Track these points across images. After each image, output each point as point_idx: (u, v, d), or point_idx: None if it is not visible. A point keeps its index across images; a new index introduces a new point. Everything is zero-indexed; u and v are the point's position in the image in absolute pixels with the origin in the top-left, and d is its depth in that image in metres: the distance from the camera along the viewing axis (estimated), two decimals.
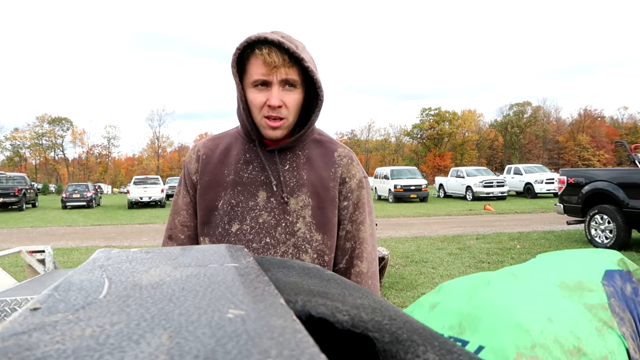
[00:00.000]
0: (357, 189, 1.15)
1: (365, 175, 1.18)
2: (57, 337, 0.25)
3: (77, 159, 70.64)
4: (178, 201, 1.20)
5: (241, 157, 1.13)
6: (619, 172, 7.26)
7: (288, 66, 1.00)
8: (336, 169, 1.13)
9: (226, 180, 1.11)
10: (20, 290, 2.64)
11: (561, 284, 1.20)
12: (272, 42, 0.98)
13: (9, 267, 6.40)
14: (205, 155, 1.16)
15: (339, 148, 1.17)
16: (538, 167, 23.03)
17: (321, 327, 0.37)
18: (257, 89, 1.03)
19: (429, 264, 6.35)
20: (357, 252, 1.14)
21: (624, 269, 1.29)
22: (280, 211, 1.08)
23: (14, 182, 21.04)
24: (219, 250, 0.52)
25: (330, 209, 1.11)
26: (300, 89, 1.05)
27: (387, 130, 77.01)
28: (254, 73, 1.01)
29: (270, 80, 1.01)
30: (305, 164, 1.12)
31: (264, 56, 0.98)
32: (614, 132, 63.03)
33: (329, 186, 1.11)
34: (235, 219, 1.09)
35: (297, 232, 1.08)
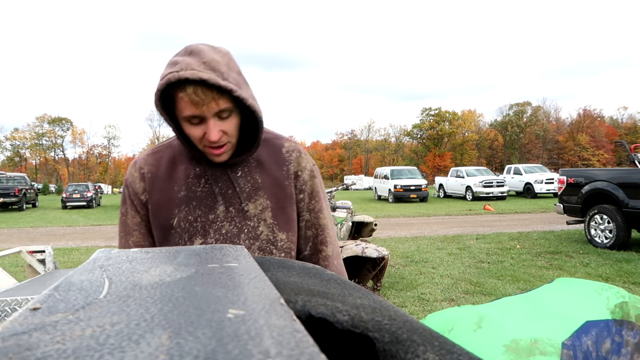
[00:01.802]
0: (309, 180, 1.16)
1: (314, 163, 1.20)
2: (57, 337, 0.25)
3: (77, 159, 70.63)
4: (127, 222, 1.14)
5: (191, 171, 1.10)
6: (618, 172, 7.26)
7: (217, 98, 0.95)
8: (288, 167, 1.14)
9: (177, 196, 1.08)
10: (20, 290, 2.64)
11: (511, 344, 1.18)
12: (194, 82, 0.92)
13: (9, 267, 6.39)
14: (150, 173, 1.11)
15: (285, 143, 1.17)
16: (538, 167, 23.02)
17: (321, 327, 0.37)
18: (192, 123, 0.99)
19: (429, 264, 6.35)
20: (320, 238, 1.17)
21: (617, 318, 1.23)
22: (241, 218, 1.08)
23: (14, 182, 21.03)
24: (219, 250, 0.52)
25: (289, 207, 1.13)
26: (236, 111, 1.02)
27: (387, 130, 77.10)
28: (184, 110, 0.96)
29: (203, 115, 0.96)
30: (257, 167, 1.12)
31: (190, 96, 0.93)
32: (613, 132, 63.03)
33: (285, 185, 1.12)
34: (196, 234, 1.07)
35: (261, 236, 1.09)
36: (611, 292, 1.32)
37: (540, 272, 5.69)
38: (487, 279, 5.42)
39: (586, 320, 1.23)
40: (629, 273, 5.46)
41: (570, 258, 6.57)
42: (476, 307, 1.42)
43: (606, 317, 1.24)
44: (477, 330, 1.27)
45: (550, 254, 6.91)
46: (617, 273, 5.48)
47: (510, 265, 6.19)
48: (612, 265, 5.92)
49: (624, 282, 5.06)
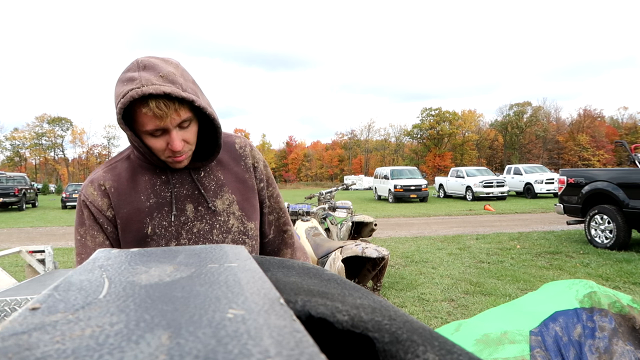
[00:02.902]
0: (264, 169, 1.26)
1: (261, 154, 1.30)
2: (57, 337, 0.25)
3: (77, 159, 70.64)
4: (87, 244, 1.10)
5: (157, 180, 1.11)
6: (619, 172, 7.25)
7: (179, 109, 0.97)
8: (245, 161, 1.22)
9: (147, 205, 1.09)
10: (20, 290, 2.64)
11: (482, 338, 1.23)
12: (156, 96, 0.94)
13: (9, 267, 6.39)
14: (113, 188, 1.10)
15: (236, 139, 1.24)
16: (538, 167, 23.02)
17: (321, 327, 0.37)
18: (154, 136, 1.00)
19: (429, 264, 6.35)
20: (283, 220, 1.30)
21: (585, 306, 1.27)
22: (211, 216, 1.13)
23: (14, 182, 21.03)
24: (219, 250, 0.52)
25: (253, 197, 1.21)
26: (194, 120, 1.05)
27: (387, 130, 77.10)
28: (147, 124, 0.97)
29: (166, 127, 0.98)
30: (217, 165, 1.18)
31: (153, 110, 0.94)
32: (613, 132, 63.01)
33: (245, 178, 1.20)
34: (170, 239, 1.10)
35: (232, 228, 1.15)
36: (580, 285, 1.38)
37: (540, 272, 5.69)
38: (487, 279, 5.42)
39: (555, 311, 1.27)
40: (629, 273, 5.46)
41: (571, 258, 6.57)
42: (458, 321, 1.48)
43: (574, 306, 1.28)
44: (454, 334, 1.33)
45: (551, 254, 6.91)
46: (618, 273, 5.48)
47: (511, 265, 6.19)
48: (612, 266, 5.92)
49: (624, 283, 5.06)
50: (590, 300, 1.29)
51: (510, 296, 4.60)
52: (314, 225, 4.63)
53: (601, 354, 1.16)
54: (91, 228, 1.10)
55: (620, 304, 1.28)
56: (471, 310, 4.21)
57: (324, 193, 5.74)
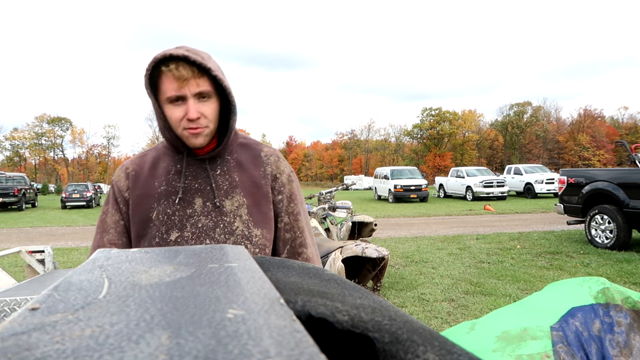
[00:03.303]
0: (288, 183, 1.22)
1: (292, 170, 1.27)
2: (57, 337, 0.25)
3: (77, 159, 70.65)
4: (106, 220, 1.20)
5: (172, 168, 1.17)
6: (619, 172, 7.25)
7: (197, 77, 1.04)
8: (265, 167, 1.20)
9: (157, 191, 1.15)
10: (19, 290, 2.64)
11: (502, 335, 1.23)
12: (178, 58, 1.02)
13: (9, 267, 6.40)
14: (135, 172, 1.20)
15: (264, 148, 1.25)
16: (538, 167, 23.02)
17: (321, 327, 0.37)
18: (173, 104, 1.06)
19: (429, 264, 6.35)
20: (299, 241, 1.22)
21: (601, 302, 1.28)
22: (217, 214, 1.13)
23: (14, 182, 21.02)
24: (218, 250, 0.51)
25: (265, 205, 1.18)
26: (215, 98, 1.10)
27: (387, 130, 77.05)
28: (167, 90, 1.05)
29: (184, 94, 1.04)
30: (236, 167, 1.18)
31: (172, 72, 1.02)
32: (614, 132, 63.02)
33: (261, 183, 1.18)
34: (173, 227, 1.12)
35: (236, 231, 1.14)
36: (592, 282, 1.37)
37: (540, 273, 5.69)
38: (487, 279, 5.42)
39: (571, 307, 1.27)
40: (629, 273, 5.46)
41: (571, 258, 6.57)
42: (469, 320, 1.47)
43: (590, 302, 1.28)
44: (470, 332, 1.31)
45: (551, 254, 6.90)
46: (618, 273, 5.48)
47: (511, 265, 6.19)
48: (612, 266, 5.92)
49: (624, 283, 5.06)
50: (605, 296, 1.29)
51: (511, 296, 4.60)
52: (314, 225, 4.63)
53: (621, 349, 1.16)
54: (112, 207, 1.20)
55: (633, 300, 1.29)
56: (471, 310, 4.21)
57: (324, 193, 5.74)
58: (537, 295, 1.48)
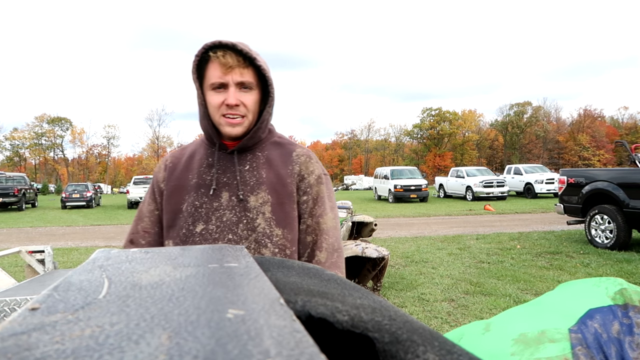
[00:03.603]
0: (316, 184, 1.19)
1: (325, 172, 1.24)
2: (57, 337, 0.25)
3: (77, 159, 70.65)
4: (143, 209, 1.26)
5: (204, 161, 1.19)
6: (619, 172, 7.25)
7: (242, 67, 1.07)
8: (293, 166, 1.19)
9: (189, 184, 1.18)
10: (19, 290, 2.64)
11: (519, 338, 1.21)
12: (226, 46, 1.06)
13: (9, 267, 6.40)
14: (172, 164, 1.24)
15: (297, 148, 1.23)
16: (538, 167, 23.02)
17: (321, 327, 0.37)
18: (216, 91, 1.10)
19: (429, 264, 6.35)
20: (317, 244, 1.17)
21: (619, 303, 1.26)
22: (241, 209, 1.13)
23: (14, 182, 21.03)
24: (218, 250, 0.51)
25: (289, 204, 1.16)
26: (257, 90, 1.13)
27: (387, 130, 77.04)
28: (212, 76, 1.09)
29: (226, 81, 1.08)
30: (265, 164, 1.18)
31: (219, 58, 1.06)
32: (614, 132, 63.05)
33: (287, 182, 1.17)
34: (199, 219, 1.14)
35: (257, 228, 1.13)
36: (609, 282, 1.36)
37: (540, 273, 5.69)
38: (487, 279, 5.42)
39: (589, 308, 1.25)
40: (629, 273, 5.46)
41: (571, 258, 6.57)
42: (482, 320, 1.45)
43: (608, 303, 1.26)
44: (486, 334, 1.30)
45: (551, 254, 6.91)
46: (618, 273, 5.48)
47: (511, 265, 6.19)
48: (612, 266, 5.92)
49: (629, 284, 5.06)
50: (623, 297, 1.28)
51: (510, 296, 4.60)
52: None
53: None
54: (149, 196, 1.26)
55: None
56: (471, 310, 4.21)
57: None
58: (551, 295, 1.45)
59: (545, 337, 1.18)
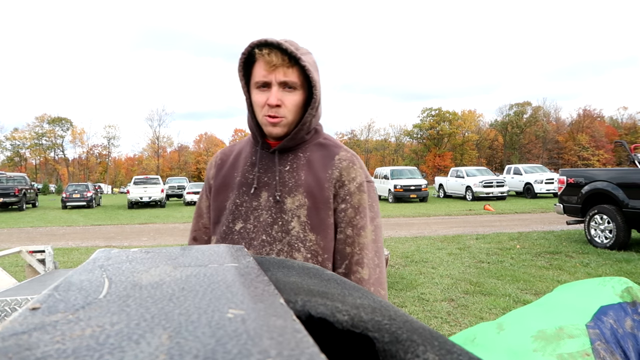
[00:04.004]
0: (357, 192, 1.13)
1: (369, 179, 1.17)
2: (57, 337, 0.25)
3: (77, 159, 70.64)
4: (201, 205, 1.28)
5: (248, 160, 1.20)
6: (618, 172, 7.26)
7: (287, 66, 1.05)
8: (333, 171, 1.14)
9: (234, 181, 1.18)
10: (20, 290, 2.64)
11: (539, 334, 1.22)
12: (272, 44, 1.04)
13: (9, 267, 6.39)
14: (221, 161, 1.26)
15: (341, 152, 1.17)
16: (538, 167, 23.02)
17: (321, 327, 0.37)
18: (260, 90, 1.09)
19: (428, 264, 6.35)
20: (356, 258, 1.11)
21: (627, 301, 1.28)
22: (277, 210, 1.11)
23: (14, 182, 21.03)
24: (218, 250, 0.52)
25: (324, 210, 1.11)
26: (301, 91, 1.10)
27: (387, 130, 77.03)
28: (257, 75, 1.08)
29: (270, 80, 1.06)
30: (305, 165, 1.14)
31: (264, 57, 1.04)
32: (613, 132, 63.06)
33: (324, 187, 1.12)
34: (239, 217, 1.14)
35: (292, 231, 1.10)
36: (614, 281, 1.38)
37: (540, 272, 5.69)
38: (487, 279, 5.42)
39: (600, 306, 1.27)
40: (629, 273, 5.47)
41: (570, 258, 6.57)
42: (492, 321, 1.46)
43: (617, 301, 1.29)
44: (500, 333, 1.30)
45: (550, 254, 6.91)
46: (617, 273, 5.48)
47: (510, 265, 6.19)
48: (612, 265, 5.93)
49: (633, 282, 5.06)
50: (630, 295, 1.30)
51: (510, 296, 4.61)
52: None
53: None
54: (205, 192, 1.28)
55: None
56: (471, 310, 4.21)
57: None
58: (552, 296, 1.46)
59: (564, 333, 1.19)
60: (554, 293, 1.50)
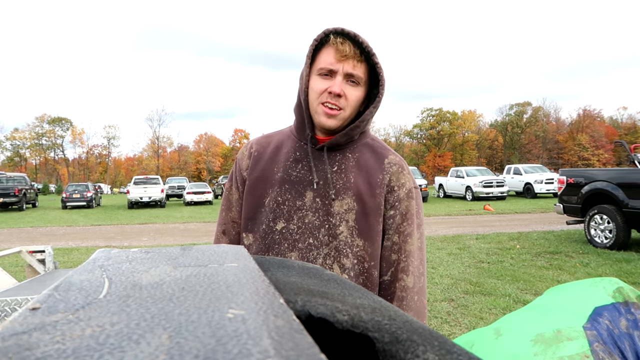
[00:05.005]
0: (405, 199, 1.10)
1: (416, 185, 1.14)
2: (57, 337, 0.25)
3: (77, 159, 70.65)
4: (230, 198, 1.21)
5: (291, 155, 1.13)
6: (618, 172, 7.26)
7: (357, 59, 1.02)
8: (384, 176, 1.10)
9: (275, 177, 1.11)
10: (20, 290, 2.64)
11: (537, 338, 1.22)
12: (348, 34, 1.01)
13: (9, 267, 6.39)
14: (257, 152, 1.17)
15: (390, 155, 1.14)
16: (538, 167, 23.04)
17: (321, 327, 0.37)
18: (322, 77, 1.04)
19: (428, 264, 6.35)
20: (402, 266, 1.08)
21: (619, 301, 1.28)
22: (324, 212, 1.07)
23: (14, 182, 21.03)
24: (219, 250, 0.52)
25: (374, 216, 1.08)
26: (363, 87, 1.07)
27: (387, 130, 76.95)
28: (322, 62, 1.03)
29: (336, 69, 1.02)
30: (354, 167, 1.10)
31: (337, 45, 1.01)
32: (613, 132, 63.08)
33: (375, 192, 1.08)
34: (280, 217, 1.08)
35: (340, 236, 1.06)
36: (605, 282, 1.38)
37: (540, 272, 5.69)
38: (486, 279, 5.42)
39: (595, 307, 1.27)
40: (628, 273, 5.47)
41: (570, 258, 6.57)
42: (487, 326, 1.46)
43: (610, 301, 1.29)
44: (498, 338, 1.30)
45: (550, 254, 6.91)
46: (617, 273, 5.48)
47: (510, 265, 6.20)
48: (612, 265, 5.93)
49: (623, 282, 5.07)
50: (622, 295, 1.31)
51: (510, 296, 4.61)
52: None
53: None
54: (234, 184, 1.21)
55: None
56: (471, 310, 4.21)
57: None
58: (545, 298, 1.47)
59: (562, 336, 1.19)
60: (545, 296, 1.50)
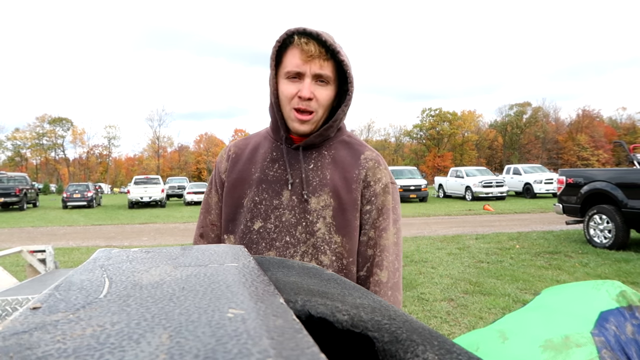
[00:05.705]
0: (382, 194, 1.10)
1: (392, 181, 1.14)
2: (58, 337, 0.25)
3: (78, 159, 70.65)
4: (209, 201, 1.22)
5: (268, 155, 1.13)
6: (617, 172, 7.26)
7: (323, 58, 1.01)
8: (360, 171, 1.10)
9: (252, 177, 1.12)
10: (21, 289, 2.64)
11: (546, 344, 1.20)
12: (310, 34, 0.99)
13: (10, 267, 6.39)
14: (235, 155, 1.18)
15: (366, 151, 1.14)
16: (537, 167, 23.04)
17: (321, 326, 0.37)
18: (290, 80, 1.03)
19: (428, 264, 6.35)
20: (377, 260, 1.08)
21: (623, 305, 1.27)
22: (301, 210, 1.07)
23: (15, 182, 21.03)
24: (219, 250, 0.52)
25: (351, 212, 1.08)
26: (333, 86, 1.05)
27: (387, 130, 77.01)
28: (289, 64, 1.02)
29: (303, 72, 1.01)
30: (330, 163, 1.10)
31: (302, 45, 0.99)
32: (612, 132, 63.08)
33: (352, 188, 1.08)
34: (258, 216, 1.08)
35: (317, 233, 1.06)
36: (607, 285, 1.36)
37: (539, 272, 5.69)
38: (486, 278, 5.42)
39: (600, 311, 1.26)
40: (627, 273, 5.47)
41: (570, 258, 6.57)
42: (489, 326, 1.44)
43: (615, 306, 1.27)
44: (505, 342, 1.29)
45: (550, 254, 6.91)
46: (616, 273, 5.48)
47: (510, 265, 6.20)
48: (611, 265, 5.93)
49: (622, 282, 5.06)
50: (625, 299, 1.29)
51: (510, 296, 4.61)
52: None
53: None
54: (214, 187, 1.21)
55: None
56: (470, 309, 4.21)
57: None
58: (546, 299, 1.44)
59: (571, 342, 1.18)
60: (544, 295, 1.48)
